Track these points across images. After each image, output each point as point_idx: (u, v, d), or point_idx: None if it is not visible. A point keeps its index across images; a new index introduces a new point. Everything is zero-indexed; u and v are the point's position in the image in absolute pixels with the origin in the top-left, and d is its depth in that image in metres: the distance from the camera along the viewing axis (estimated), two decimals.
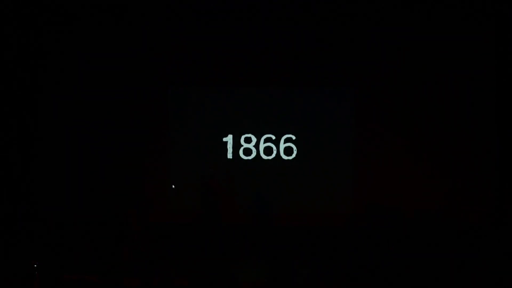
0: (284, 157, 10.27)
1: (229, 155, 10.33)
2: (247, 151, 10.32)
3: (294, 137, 10.31)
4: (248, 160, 10.36)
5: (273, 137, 10.31)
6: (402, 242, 8.39)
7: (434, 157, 10.02)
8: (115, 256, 7.94)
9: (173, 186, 10.23)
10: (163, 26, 10.35)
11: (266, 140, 10.34)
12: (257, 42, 10.34)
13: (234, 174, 10.30)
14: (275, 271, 7.15)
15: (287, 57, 10.30)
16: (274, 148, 10.30)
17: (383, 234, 8.83)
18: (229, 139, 10.35)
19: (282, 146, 10.29)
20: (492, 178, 9.81)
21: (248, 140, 10.35)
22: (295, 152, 10.28)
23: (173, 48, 10.37)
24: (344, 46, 10.19)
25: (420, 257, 8.04)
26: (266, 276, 7.18)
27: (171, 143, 10.44)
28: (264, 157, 10.31)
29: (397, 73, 10.17)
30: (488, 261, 7.70)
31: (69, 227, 9.71)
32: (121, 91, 10.31)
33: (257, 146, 10.33)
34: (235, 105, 10.43)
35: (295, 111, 10.32)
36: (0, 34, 9.75)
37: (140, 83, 10.37)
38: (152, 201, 9.81)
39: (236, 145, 10.37)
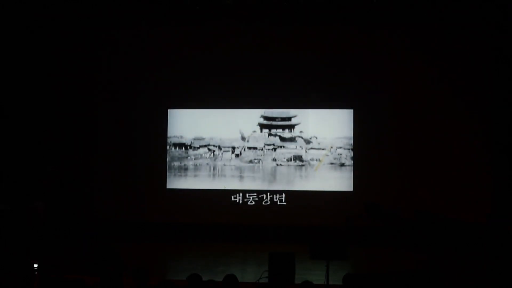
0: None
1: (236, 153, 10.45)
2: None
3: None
4: (251, 160, 10.53)
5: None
6: (401, 241, 8.39)
7: (433, 158, 10.09)
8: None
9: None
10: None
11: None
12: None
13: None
14: (275, 271, 7.16)
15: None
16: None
17: (382, 234, 8.84)
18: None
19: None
20: (490, 179, 9.91)
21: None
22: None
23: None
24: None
25: (420, 256, 8.05)
26: (266, 275, 7.19)
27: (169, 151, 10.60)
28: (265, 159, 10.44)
29: (395, 78, 10.32)
30: (487, 261, 7.69)
31: (68, 227, 9.80)
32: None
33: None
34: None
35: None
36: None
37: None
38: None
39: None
